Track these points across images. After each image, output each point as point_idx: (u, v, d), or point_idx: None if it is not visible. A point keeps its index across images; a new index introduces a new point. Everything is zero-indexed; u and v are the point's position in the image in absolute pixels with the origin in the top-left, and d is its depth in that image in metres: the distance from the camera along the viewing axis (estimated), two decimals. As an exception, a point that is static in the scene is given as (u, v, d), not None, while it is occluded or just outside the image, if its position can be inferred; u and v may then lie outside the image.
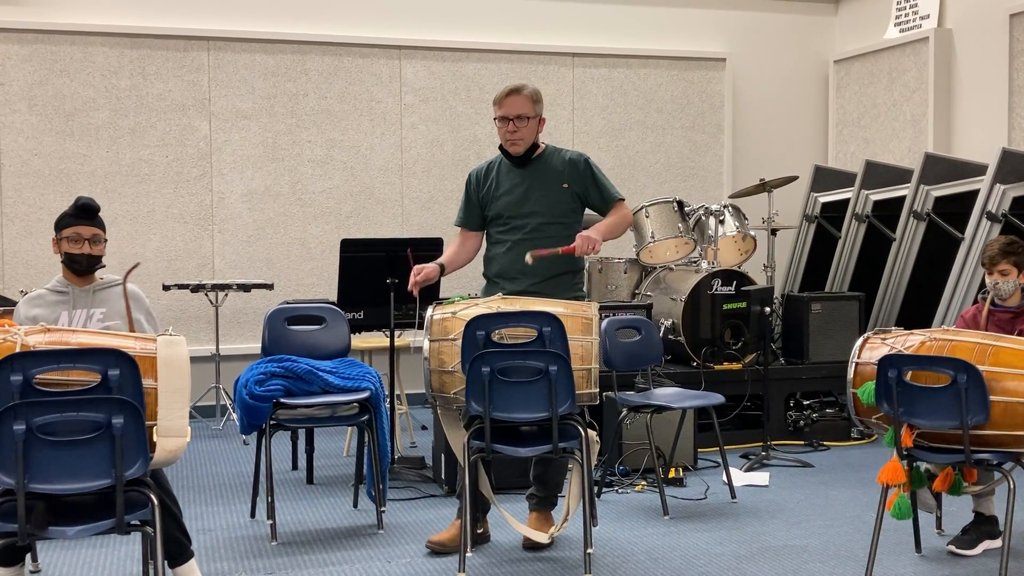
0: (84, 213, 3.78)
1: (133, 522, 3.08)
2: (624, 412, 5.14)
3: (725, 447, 5.35)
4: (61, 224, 3.79)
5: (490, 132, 7.74)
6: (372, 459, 4.60)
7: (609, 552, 4.29)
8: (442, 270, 4.38)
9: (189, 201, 7.25)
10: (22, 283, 6.71)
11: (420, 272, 4.27)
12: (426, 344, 3.97)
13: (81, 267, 3.78)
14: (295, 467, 5.73)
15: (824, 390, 6.50)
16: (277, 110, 7.39)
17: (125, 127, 7.12)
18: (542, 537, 4.23)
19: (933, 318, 6.50)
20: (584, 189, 4.36)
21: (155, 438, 3.09)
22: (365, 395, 4.58)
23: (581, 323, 3.95)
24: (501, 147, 4.37)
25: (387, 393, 5.08)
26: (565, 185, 4.32)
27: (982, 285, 4.51)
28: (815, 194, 8.00)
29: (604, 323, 5.04)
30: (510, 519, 4.15)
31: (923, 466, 3.96)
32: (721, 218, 6.63)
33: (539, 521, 4.37)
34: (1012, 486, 3.67)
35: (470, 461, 3.97)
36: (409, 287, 4.28)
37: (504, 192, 4.33)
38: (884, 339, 3.93)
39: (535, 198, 4.30)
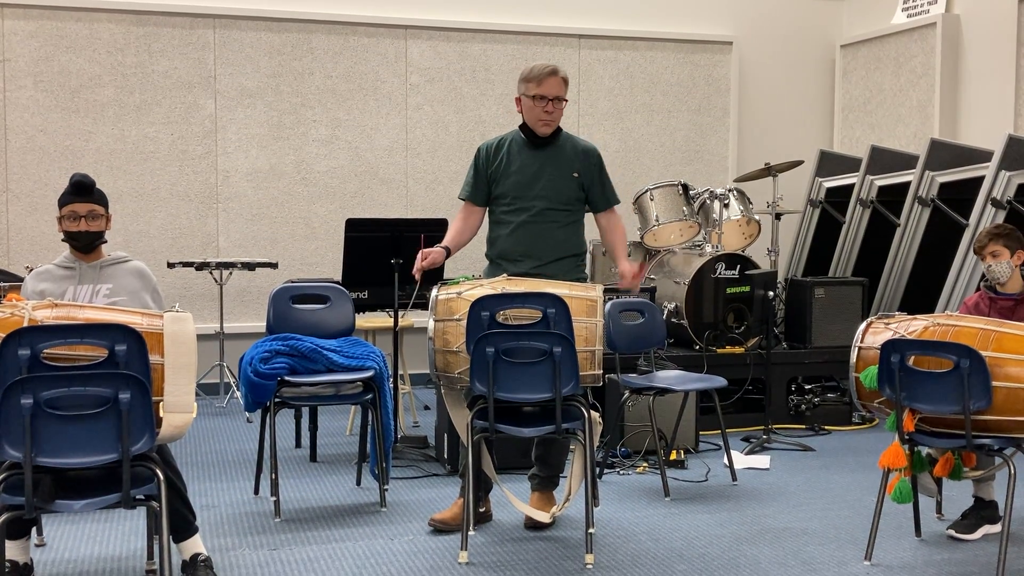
0: (79, 190, 3.78)
1: (139, 497, 3.11)
2: (627, 394, 5.16)
3: (727, 430, 5.37)
4: (60, 203, 3.80)
5: (495, 113, 7.74)
6: (375, 438, 4.62)
7: (610, 532, 4.31)
8: (448, 253, 4.39)
9: (194, 179, 7.26)
10: (27, 259, 6.73)
11: (427, 257, 4.27)
12: (431, 324, 3.98)
13: (81, 244, 3.79)
14: (298, 445, 5.76)
15: (826, 374, 6.52)
16: (282, 89, 7.38)
17: (130, 104, 7.12)
18: (544, 517, 4.25)
19: (936, 303, 6.50)
20: (590, 182, 4.39)
21: (161, 413, 3.11)
22: (369, 374, 4.60)
23: (585, 305, 3.96)
24: (523, 126, 4.35)
25: (391, 372, 5.10)
26: (575, 175, 4.34)
27: (984, 274, 4.52)
28: (820, 179, 7.99)
29: (608, 305, 5.05)
30: (512, 498, 4.18)
31: (924, 451, 3.97)
32: (726, 202, 6.63)
33: (541, 501, 4.40)
34: (1012, 471, 3.68)
35: (473, 441, 3.99)
36: (414, 271, 4.29)
37: (515, 171, 4.33)
38: (887, 324, 3.95)
39: (544, 182, 4.30)
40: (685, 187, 6.70)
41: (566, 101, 4.33)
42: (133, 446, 3.00)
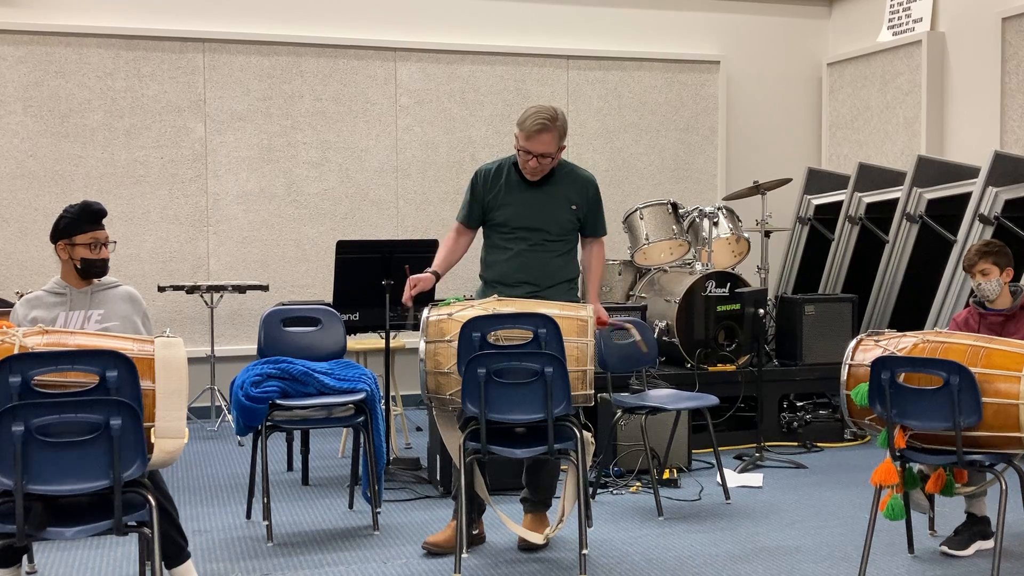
0: (99, 217, 3.82)
1: (131, 523, 3.09)
2: (619, 413, 5.16)
3: (719, 448, 5.38)
4: (73, 229, 3.77)
5: (485, 134, 7.77)
6: (368, 460, 4.61)
7: (604, 553, 4.31)
8: (437, 278, 4.40)
9: (184, 202, 7.26)
10: (17, 284, 6.71)
11: (415, 285, 4.28)
12: (422, 346, 3.99)
13: (99, 271, 3.80)
14: (290, 468, 5.74)
15: (817, 391, 6.53)
16: (272, 112, 7.40)
17: (120, 128, 7.13)
18: (537, 538, 4.24)
19: (926, 320, 6.53)
20: (585, 214, 4.40)
21: (153, 439, 3.10)
22: (361, 396, 4.60)
23: (576, 325, 3.97)
24: (516, 164, 4.35)
25: (383, 394, 5.10)
26: (573, 207, 4.35)
27: (974, 291, 4.54)
28: (808, 196, 8.02)
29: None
30: (506, 520, 4.17)
31: (916, 467, 3.98)
32: (715, 220, 6.65)
33: (534, 522, 4.39)
34: (1004, 487, 3.69)
35: (466, 462, 3.98)
36: (404, 299, 4.30)
37: (513, 202, 4.33)
38: (877, 341, 3.96)
39: (544, 215, 4.31)
40: (674, 206, 6.72)
41: (561, 150, 4.26)
42: (124, 472, 2.99)
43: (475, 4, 7.82)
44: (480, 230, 4.49)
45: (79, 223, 3.77)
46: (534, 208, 4.31)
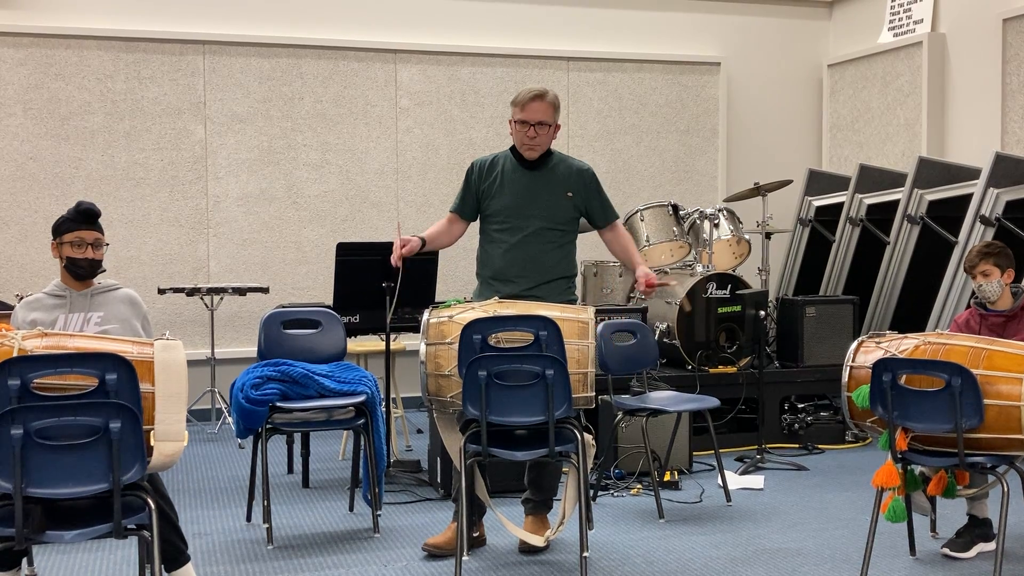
0: (87, 218, 3.79)
1: (130, 526, 3.08)
2: (620, 415, 5.15)
3: (720, 450, 5.37)
4: (62, 229, 3.78)
5: (485, 136, 7.76)
6: (368, 463, 4.60)
7: (605, 556, 4.30)
8: (423, 244, 4.40)
9: (184, 205, 7.25)
10: (17, 287, 6.71)
11: (405, 244, 4.28)
12: (423, 348, 3.98)
13: (83, 272, 3.78)
14: (291, 471, 5.73)
15: (819, 393, 6.52)
16: (273, 114, 7.39)
17: (120, 131, 7.12)
18: (538, 540, 4.23)
19: (927, 322, 6.52)
20: (586, 202, 4.41)
21: (152, 442, 3.10)
22: (361, 399, 4.59)
23: (577, 327, 3.96)
24: (513, 148, 4.38)
25: (383, 397, 5.09)
26: (569, 195, 4.36)
27: (975, 292, 4.53)
28: (809, 198, 8.02)
29: (600, 327, 5.05)
30: (506, 522, 4.16)
31: (917, 469, 3.97)
32: (716, 222, 6.65)
33: (535, 524, 4.38)
34: (1006, 489, 3.69)
35: (466, 465, 3.97)
36: (393, 260, 4.28)
37: (508, 191, 4.35)
38: (878, 343, 3.95)
39: (538, 203, 4.32)
40: (675, 207, 6.72)
41: (555, 126, 4.32)
42: (124, 475, 2.98)
43: (475, 6, 7.82)
44: (476, 228, 4.49)
45: (68, 222, 3.78)
46: (529, 194, 4.32)
